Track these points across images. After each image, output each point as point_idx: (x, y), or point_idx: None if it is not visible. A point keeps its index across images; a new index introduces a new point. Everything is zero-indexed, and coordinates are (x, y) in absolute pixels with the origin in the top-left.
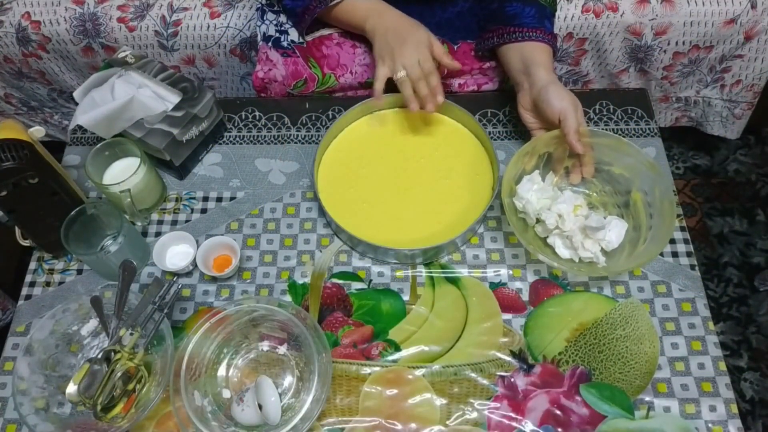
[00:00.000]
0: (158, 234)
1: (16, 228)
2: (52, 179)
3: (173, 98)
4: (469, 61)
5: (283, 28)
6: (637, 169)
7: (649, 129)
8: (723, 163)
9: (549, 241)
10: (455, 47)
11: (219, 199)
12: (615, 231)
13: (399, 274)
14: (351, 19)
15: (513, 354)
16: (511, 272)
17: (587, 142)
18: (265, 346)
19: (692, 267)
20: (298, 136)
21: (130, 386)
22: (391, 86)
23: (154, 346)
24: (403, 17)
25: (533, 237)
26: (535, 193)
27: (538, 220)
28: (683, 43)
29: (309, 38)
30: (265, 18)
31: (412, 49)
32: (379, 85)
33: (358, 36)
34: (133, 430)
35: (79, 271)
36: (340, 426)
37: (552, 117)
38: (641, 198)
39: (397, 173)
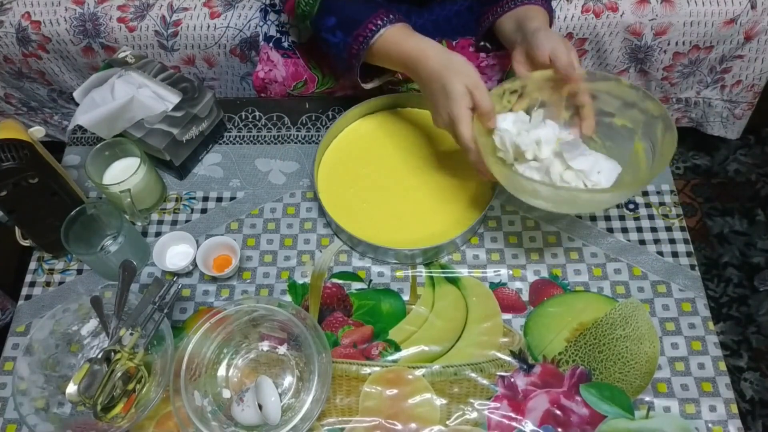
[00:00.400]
0: (158, 234)
1: (16, 228)
2: (52, 179)
3: (173, 98)
4: (468, 56)
5: (284, 29)
6: (639, 118)
7: None
8: (723, 163)
9: (521, 171)
10: (453, 43)
11: (219, 199)
12: (606, 173)
13: (399, 274)
14: (389, 59)
15: (513, 354)
16: (511, 272)
17: (585, 88)
18: (265, 346)
19: (692, 267)
20: (298, 136)
21: (130, 386)
22: (391, 87)
23: (154, 346)
24: (442, 61)
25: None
26: (515, 125)
27: (517, 159)
28: (683, 43)
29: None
30: (267, 18)
31: (455, 110)
32: (468, 131)
33: None
34: (133, 430)
35: (79, 271)
36: (340, 426)
37: (543, 59)
38: (643, 149)
39: (397, 173)
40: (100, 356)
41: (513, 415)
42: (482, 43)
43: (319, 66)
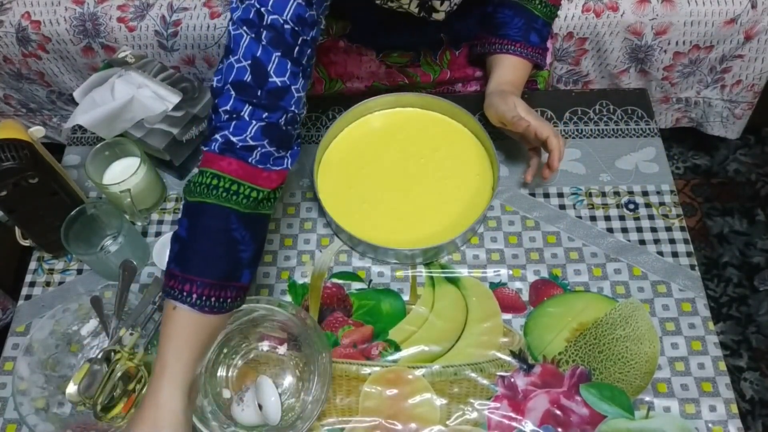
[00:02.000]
0: (158, 234)
1: (16, 228)
2: (52, 179)
3: (173, 98)
4: (462, 67)
5: None
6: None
7: (649, 129)
8: (723, 163)
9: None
10: (457, 53)
11: None
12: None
13: (399, 274)
14: (163, 332)
15: (513, 354)
16: (511, 272)
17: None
18: (265, 346)
19: (692, 267)
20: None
21: (130, 386)
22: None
23: (154, 346)
24: (170, 412)
25: None
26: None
27: None
28: (683, 42)
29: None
30: None
31: None
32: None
33: (365, 42)
34: None
35: (79, 271)
36: (340, 426)
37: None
38: None
39: (397, 173)
40: (100, 356)
41: (513, 415)
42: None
43: (326, 69)
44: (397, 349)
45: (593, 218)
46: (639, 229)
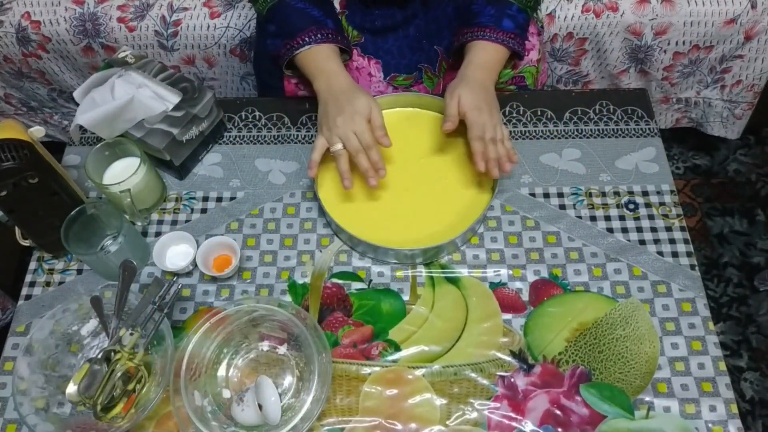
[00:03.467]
0: (158, 234)
1: (16, 228)
2: (52, 179)
3: (173, 98)
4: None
5: None
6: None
7: (649, 129)
8: (723, 163)
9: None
10: (450, 59)
11: (219, 199)
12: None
13: (399, 274)
14: (307, 72)
15: (513, 354)
16: (511, 272)
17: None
18: (265, 346)
19: (692, 267)
20: (298, 136)
21: (130, 386)
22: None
23: (154, 346)
24: (349, 85)
25: None
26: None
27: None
28: (683, 43)
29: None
30: None
31: (347, 122)
32: (316, 155)
33: (375, 54)
34: (133, 430)
35: (79, 271)
36: (340, 426)
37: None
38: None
39: (397, 173)
40: (100, 356)
41: (513, 415)
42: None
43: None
44: (397, 349)
45: (593, 218)
46: (639, 229)
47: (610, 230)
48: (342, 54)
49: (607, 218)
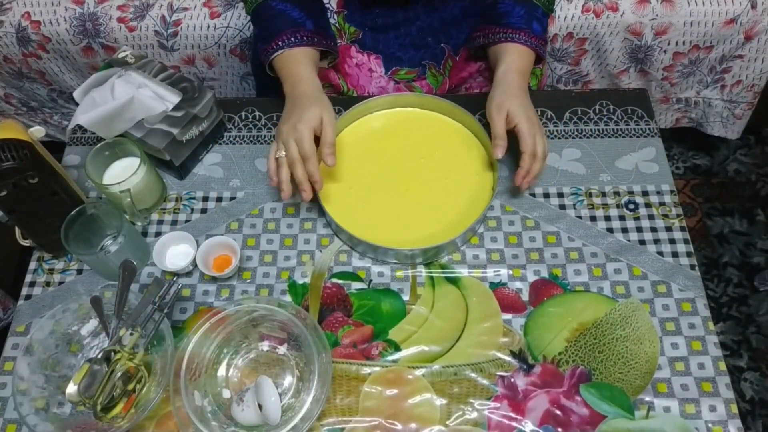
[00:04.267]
0: (158, 234)
1: (16, 228)
2: (52, 179)
3: (173, 98)
4: (469, 66)
5: None
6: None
7: (649, 129)
8: (723, 163)
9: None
10: (457, 58)
11: (219, 199)
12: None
13: (399, 274)
14: (280, 76)
15: (513, 354)
16: (511, 272)
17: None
18: (265, 346)
19: (692, 267)
20: None
21: (130, 386)
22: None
23: (154, 346)
24: (311, 92)
25: None
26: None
27: None
28: (683, 43)
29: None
30: None
31: (291, 129)
32: (270, 164)
33: (374, 50)
34: (133, 430)
35: (79, 271)
36: (340, 426)
37: (508, 127)
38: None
39: (397, 173)
40: (100, 356)
41: (513, 415)
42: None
43: (344, 78)
44: (397, 349)
45: (593, 218)
46: (639, 229)
47: (610, 230)
48: (329, 56)
49: (607, 218)
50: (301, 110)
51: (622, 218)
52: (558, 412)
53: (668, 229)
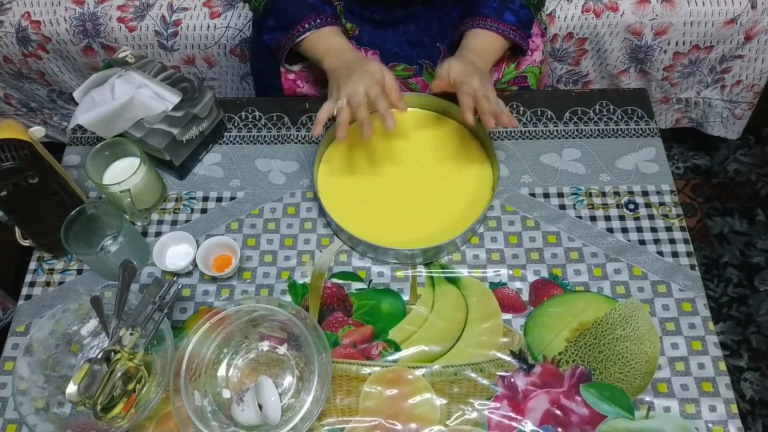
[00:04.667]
0: (158, 234)
1: (16, 228)
2: (52, 179)
3: (173, 98)
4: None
5: None
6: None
7: (649, 129)
8: (723, 163)
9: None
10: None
11: (219, 199)
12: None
13: (399, 274)
14: (315, 55)
15: (513, 354)
16: (511, 272)
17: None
18: (265, 346)
19: (692, 267)
20: (298, 136)
21: (130, 386)
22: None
23: (154, 346)
24: (358, 55)
25: None
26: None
27: None
28: (683, 43)
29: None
30: None
31: (357, 79)
32: (322, 114)
33: (372, 45)
34: (133, 430)
35: (79, 271)
36: (340, 426)
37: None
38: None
39: (397, 173)
40: (100, 356)
41: (513, 415)
42: None
43: None
44: (397, 349)
45: (593, 218)
46: (639, 229)
47: (610, 230)
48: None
49: (607, 218)
50: (361, 66)
51: (622, 218)
52: (558, 412)
53: (668, 229)
